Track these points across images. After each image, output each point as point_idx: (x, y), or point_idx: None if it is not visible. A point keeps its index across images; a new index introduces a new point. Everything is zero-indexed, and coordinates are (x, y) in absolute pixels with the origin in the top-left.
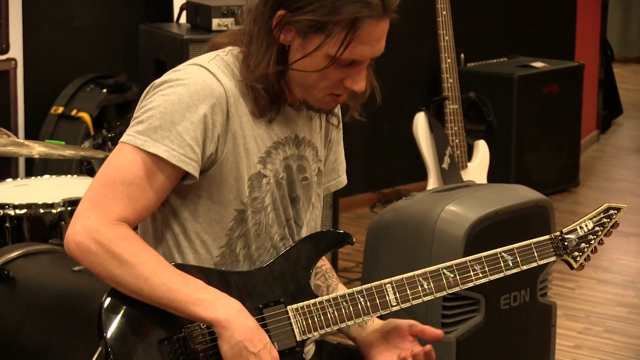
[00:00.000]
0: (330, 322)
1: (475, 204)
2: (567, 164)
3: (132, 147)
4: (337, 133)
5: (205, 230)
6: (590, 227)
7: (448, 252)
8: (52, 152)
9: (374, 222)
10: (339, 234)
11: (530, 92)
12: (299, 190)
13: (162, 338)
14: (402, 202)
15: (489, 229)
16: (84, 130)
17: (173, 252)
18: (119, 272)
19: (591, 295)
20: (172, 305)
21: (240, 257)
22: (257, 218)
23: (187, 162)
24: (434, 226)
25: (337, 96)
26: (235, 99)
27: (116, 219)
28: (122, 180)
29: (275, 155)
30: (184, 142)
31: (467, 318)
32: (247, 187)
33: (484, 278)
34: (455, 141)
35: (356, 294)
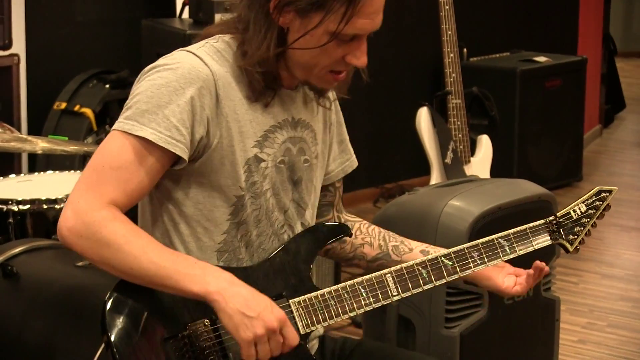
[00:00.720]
0: (333, 314)
1: (478, 198)
2: (570, 158)
3: (120, 132)
4: (335, 114)
5: (207, 217)
6: (584, 210)
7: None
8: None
9: (377, 217)
10: (337, 225)
11: (532, 86)
12: (302, 172)
13: (167, 336)
14: (405, 197)
15: (492, 224)
16: (86, 126)
17: (175, 241)
18: (108, 254)
19: (595, 290)
20: (163, 282)
21: (241, 243)
22: (257, 203)
23: (174, 143)
24: (437, 221)
25: (337, 74)
26: (226, 83)
27: (106, 202)
28: (110, 164)
29: (273, 139)
30: (170, 125)
31: (471, 313)
32: (243, 171)
33: (482, 264)
34: (458, 136)
35: (357, 285)
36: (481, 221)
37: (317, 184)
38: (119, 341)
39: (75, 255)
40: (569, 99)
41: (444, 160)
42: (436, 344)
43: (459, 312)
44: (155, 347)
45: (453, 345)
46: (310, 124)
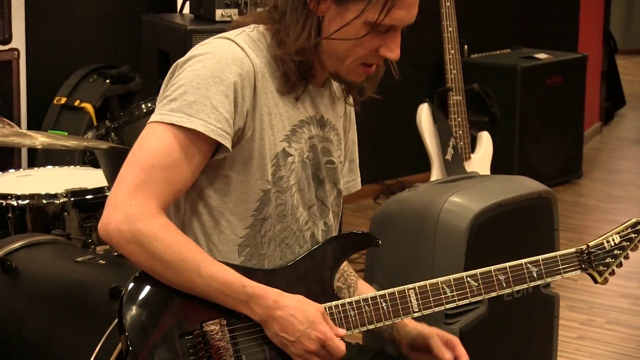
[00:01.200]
0: (352, 325)
1: (478, 195)
2: (570, 155)
3: (166, 125)
4: (353, 134)
5: (231, 210)
6: (617, 241)
7: (451, 243)
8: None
9: (378, 213)
10: (365, 235)
11: (533, 83)
12: (324, 172)
13: (182, 332)
14: (406, 194)
15: (492, 220)
16: (86, 121)
17: (196, 232)
18: (160, 267)
19: (594, 287)
20: (211, 299)
21: (265, 238)
22: (283, 198)
23: (225, 136)
24: (437, 217)
25: (368, 67)
26: (262, 75)
27: (157, 207)
28: (161, 164)
29: (301, 134)
30: (220, 116)
31: (471, 309)
32: (271, 165)
33: (508, 288)
34: (459, 132)
35: (379, 298)
36: (481, 217)
37: (341, 187)
38: (134, 335)
39: (74, 250)
40: (569, 96)
41: (445, 157)
42: None
43: (458, 308)
44: (169, 343)
45: None
46: (336, 127)
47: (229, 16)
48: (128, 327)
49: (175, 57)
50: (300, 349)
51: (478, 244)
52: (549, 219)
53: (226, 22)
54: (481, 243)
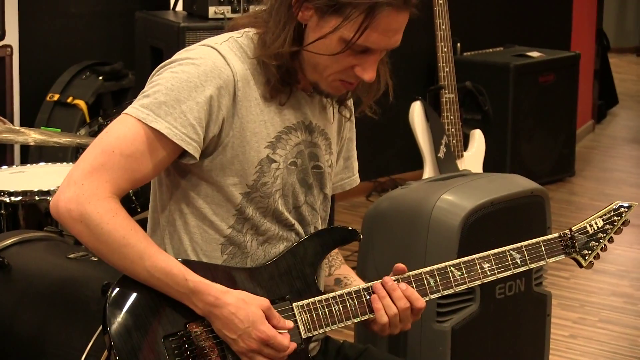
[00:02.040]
0: (336, 319)
1: (471, 193)
2: (563, 153)
3: (135, 119)
4: (350, 131)
5: (214, 210)
6: (600, 225)
7: (444, 241)
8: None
9: (370, 211)
10: (346, 230)
11: (526, 81)
12: (312, 178)
13: (167, 334)
14: (398, 191)
15: (484, 218)
16: (79, 118)
17: (179, 230)
18: (105, 249)
19: (586, 285)
20: (154, 289)
21: (247, 237)
22: (265, 203)
23: (188, 141)
24: (429, 215)
25: (347, 83)
26: (245, 83)
27: (110, 191)
28: (121, 151)
29: (287, 140)
30: (186, 122)
31: (463, 307)
32: (255, 171)
33: (492, 276)
34: (451, 130)
35: (362, 291)
36: (473, 215)
37: (327, 192)
38: (118, 338)
39: (66, 247)
40: (562, 94)
41: (437, 155)
42: (428, 339)
43: (450, 306)
44: (154, 345)
45: (444, 339)
46: (326, 132)
47: (222, 13)
48: (112, 331)
49: (168, 54)
50: (242, 346)
51: (470, 242)
52: (541, 218)
53: (219, 19)
54: (473, 241)
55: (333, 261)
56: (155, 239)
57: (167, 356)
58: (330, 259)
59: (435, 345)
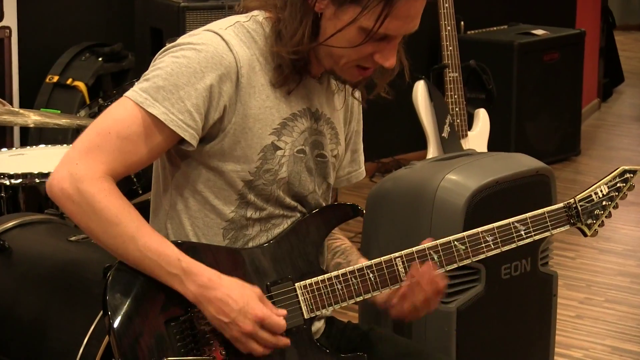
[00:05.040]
0: (339, 299)
1: (475, 172)
2: (568, 132)
3: (133, 102)
4: (358, 123)
5: (215, 195)
6: (605, 192)
7: (448, 221)
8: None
9: (373, 192)
10: (349, 206)
11: (530, 60)
12: (314, 165)
13: (168, 319)
14: (402, 172)
15: (489, 198)
16: (79, 99)
17: (181, 215)
18: (97, 229)
19: (592, 265)
20: (145, 270)
21: (250, 221)
22: (269, 190)
23: (184, 128)
24: (434, 195)
25: (364, 69)
26: (250, 69)
27: (104, 172)
28: (118, 132)
29: (293, 127)
30: (183, 108)
31: (468, 288)
32: (257, 158)
33: (496, 249)
34: (455, 110)
35: (365, 269)
36: (478, 195)
37: (331, 182)
38: (119, 324)
39: (67, 230)
40: (567, 73)
41: (441, 134)
42: (433, 320)
43: (455, 287)
44: (156, 330)
45: (450, 320)
46: (332, 121)
47: None
48: (113, 317)
49: (168, 35)
50: (236, 330)
51: (475, 222)
52: (546, 197)
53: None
54: (478, 221)
55: (350, 256)
56: (158, 223)
57: (169, 341)
58: (346, 254)
59: (441, 326)
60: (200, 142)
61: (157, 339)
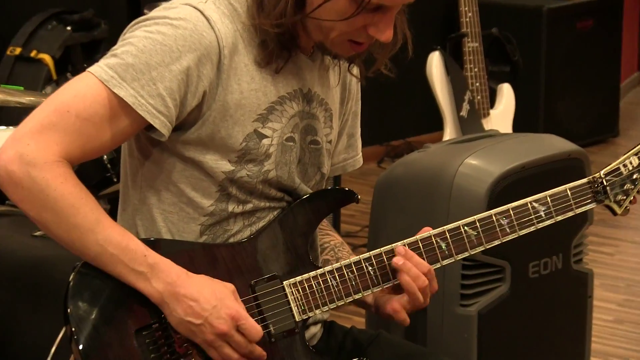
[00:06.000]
0: (335, 297)
1: (498, 156)
2: (604, 110)
3: (97, 80)
4: (355, 103)
5: (193, 186)
6: (636, 163)
7: (468, 212)
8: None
9: (382, 179)
10: (340, 191)
11: (561, 27)
12: (306, 154)
13: (140, 327)
14: (414, 156)
15: (514, 185)
16: (45, 74)
17: (153, 210)
18: (51, 219)
19: (633, 262)
20: (106, 268)
21: (230, 217)
22: (253, 183)
23: (155, 115)
24: (451, 183)
25: (357, 44)
26: (233, 48)
27: (59, 154)
28: (78, 112)
29: (281, 112)
30: (154, 91)
31: (490, 289)
32: (239, 148)
33: (513, 233)
34: (476, 84)
35: (363, 262)
36: (502, 183)
37: (325, 171)
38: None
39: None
40: (603, 43)
41: (459, 113)
42: (450, 325)
43: (476, 287)
44: (126, 341)
45: (470, 325)
46: (326, 102)
47: None
48: (76, 328)
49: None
50: (209, 333)
51: None
52: None
53: None
54: None
55: (339, 253)
56: (126, 219)
57: (140, 353)
58: (336, 250)
59: (459, 331)
60: (175, 131)
61: (127, 350)
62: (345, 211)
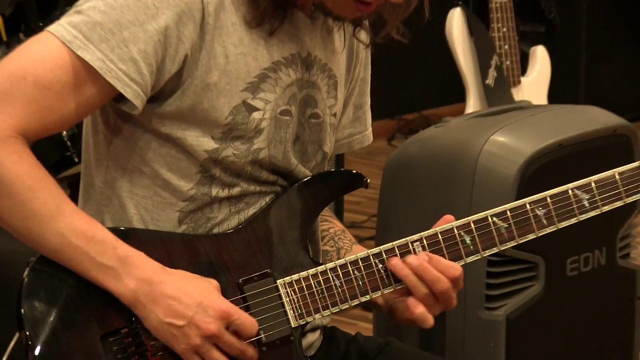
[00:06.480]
0: (338, 300)
1: (531, 132)
2: None
3: (59, 41)
4: (364, 69)
5: (170, 166)
6: None
7: (494, 198)
8: None
9: (393, 160)
10: (346, 174)
11: None
12: (305, 130)
13: (106, 332)
14: (431, 132)
15: (550, 167)
16: None
17: (123, 197)
18: (3, 205)
19: None
20: (69, 264)
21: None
22: (240, 163)
23: (126, 82)
24: (474, 164)
25: (363, 4)
26: (218, 4)
27: (13, 129)
28: (36, 79)
29: (275, 80)
30: (126, 54)
31: (521, 289)
32: (225, 123)
33: (551, 226)
34: (504, 47)
35: (372, 258)
36: (535, 163)
37: (327, 150)
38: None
39: None
40: None
41: (485, 81)
42: (473, 332)
43: (504, 287)
44: (90, 349)
45: (497, 332)
46: (330, 69)
47: None
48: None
49: None
50: (195, 336)
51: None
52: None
53: None
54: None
55: (340, 242)
56: (89, 205)
57: None
58: (336, 239)
59: (484, 339)
60: (150, 102)
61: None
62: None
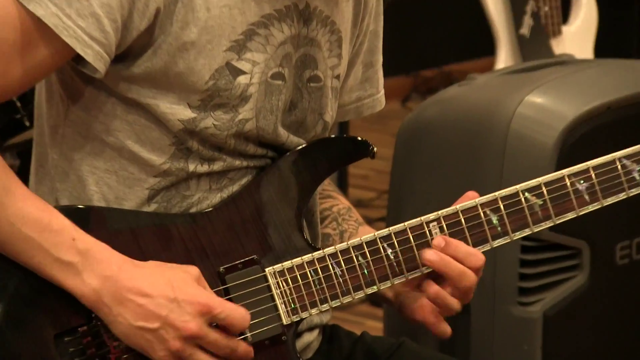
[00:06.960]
0: (339, 292)
1: (574, 92)
2: None
3: None
4: (375, 20)
5: (139, 136)
6: None
7: (529, 171)
8: None
9: (408, 125)
10: (349, 141)
11: None
12: (304, 97)
13: (61, 331)
14: (454, 91)
15: (596, 133)
16: None
17: (82, 172)
18: None
19: None
20: (19, 258)
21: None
22: (223, 135)
23: (86, 42)
24: (506, 129)
25: None
26: None
27: None
28: None
29: (265, 38)
30: (86, 9)
31: (561, 280)
32: (205, 88)
33: (594, 203)
34: None
35: (380, 242)
36: (578, 129)
37: (328, 119)
38: None
39: None
40: None
41: (518, 31)
42: (504, 331)
43: (541, 278)
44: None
45: (532, 331)
46: (332, 22)
47: None
48: None
49: None
50: (173, 339)
51: None
52: None
53: None
54: None
55: (345, 223)
56: (42, 181)
57: None
58: (340, 220)
59: (517, 340)
60: (115, 63)
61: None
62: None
